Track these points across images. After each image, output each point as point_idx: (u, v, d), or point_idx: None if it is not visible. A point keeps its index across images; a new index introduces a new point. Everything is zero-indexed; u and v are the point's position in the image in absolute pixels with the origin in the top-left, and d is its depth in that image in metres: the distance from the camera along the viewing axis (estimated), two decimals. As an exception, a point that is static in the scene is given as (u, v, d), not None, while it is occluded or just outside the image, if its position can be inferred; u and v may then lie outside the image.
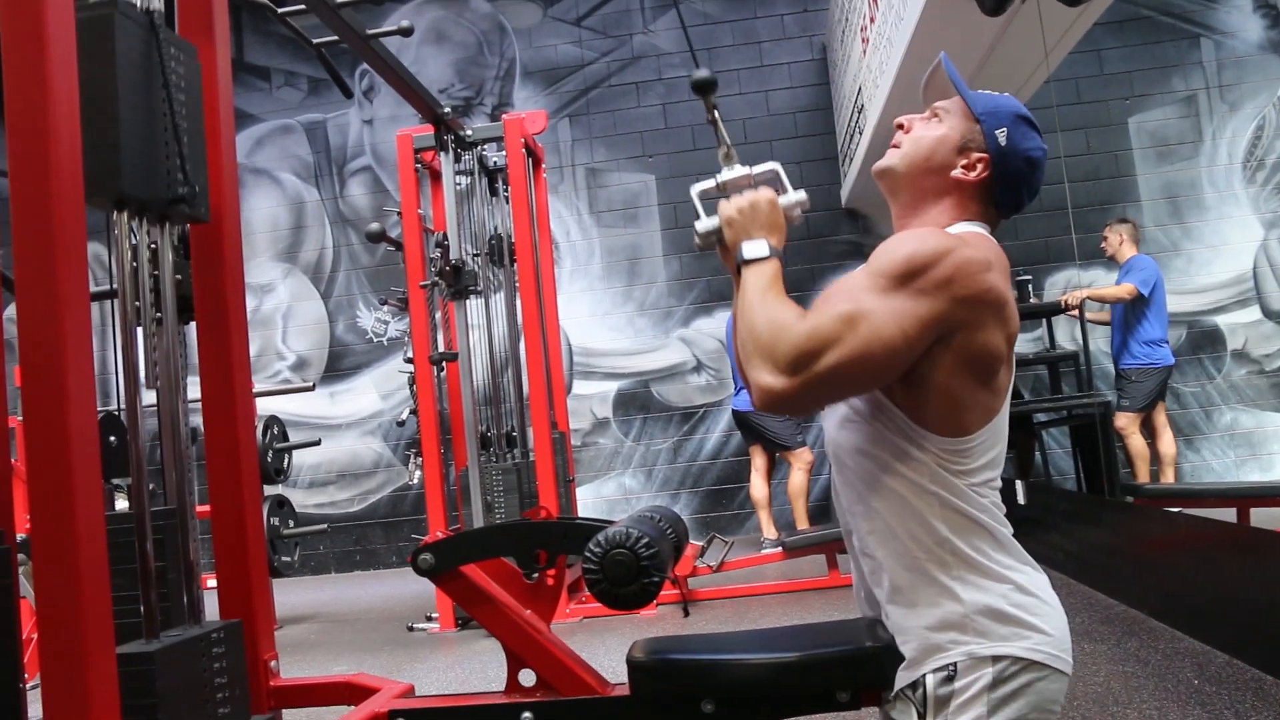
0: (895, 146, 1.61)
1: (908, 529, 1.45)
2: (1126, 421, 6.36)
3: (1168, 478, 6.44)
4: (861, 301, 1.37)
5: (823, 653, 1.69)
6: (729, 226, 1.53)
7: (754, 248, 1.49)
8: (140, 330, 2.12)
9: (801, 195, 1.57)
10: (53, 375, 1.66)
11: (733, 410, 6.87)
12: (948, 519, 1.44)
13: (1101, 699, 3.17)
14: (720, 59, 8.75)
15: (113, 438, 2.46)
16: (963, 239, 1.44)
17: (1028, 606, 1.43)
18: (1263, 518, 4.64)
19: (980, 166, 1.55)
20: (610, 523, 1.97)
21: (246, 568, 2.28)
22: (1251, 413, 8.05)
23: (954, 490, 1.44)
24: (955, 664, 1.41)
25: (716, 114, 1.62)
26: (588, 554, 1.64)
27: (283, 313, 8.95)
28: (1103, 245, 6.65)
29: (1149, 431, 6.50)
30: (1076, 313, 6.52)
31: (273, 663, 2.32)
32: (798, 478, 6.73)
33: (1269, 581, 3.35)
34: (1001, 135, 1.54)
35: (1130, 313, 6.36)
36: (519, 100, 8.90)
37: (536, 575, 2.00)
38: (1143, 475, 6.38)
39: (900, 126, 1.63)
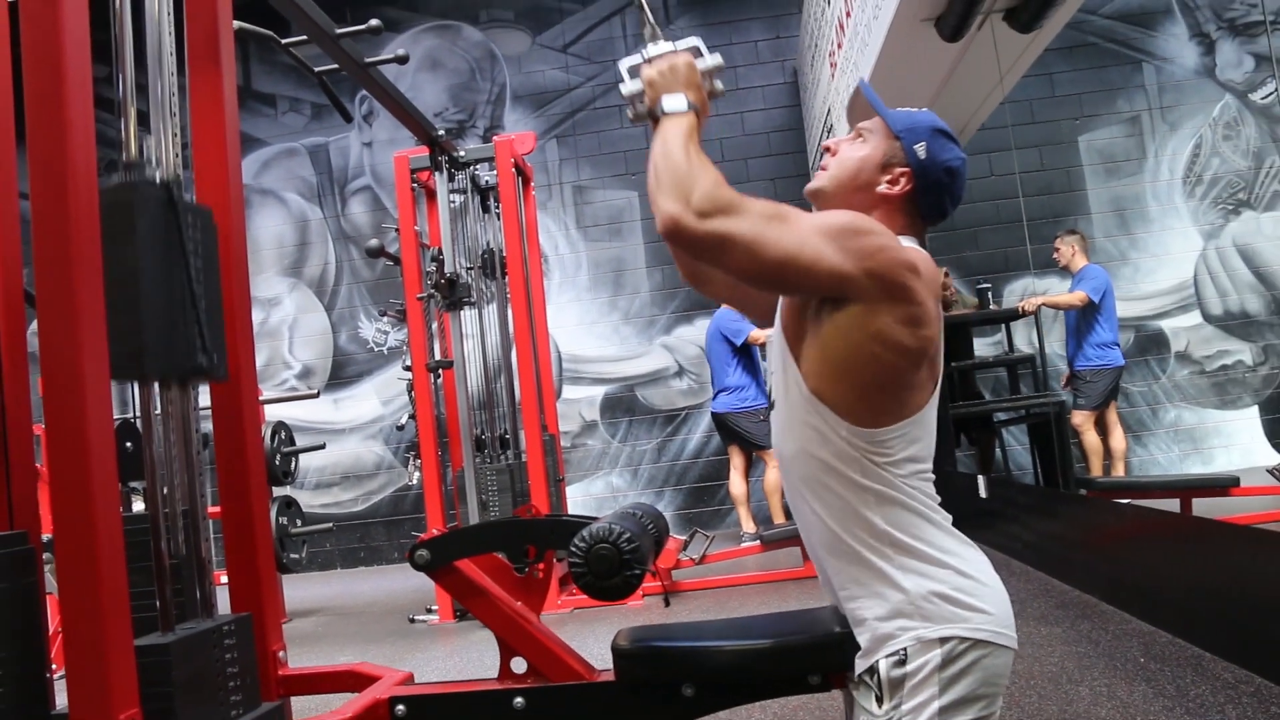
0: (823, 169, 1.63)
1: (847, 528, 1.47)
2: (1082, 419, 6.40)
3: (1119, 471, 6.48)
4: (792, 215, 1.39)
5: (794, 639, 1.71)
6: (650, 87, 1.54)
7: (673, 101, 1.50)
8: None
9: (717, 59, 1.59)
10: (72, 389, 1.66)
11: (712, 413, 6.88)
12: (885, 512, 1.45)
13: (1055, 677, 3.19)
14: (697, 83, 8.78)
15: (129, 443, 2.46)
16: (901, 243, 1.46)
17: (968, 589, 1.44)
18: (1202, 507, 4.69)
19: (903, 180, 1.56)
20: (595, 519, 1.98)
21: (255, 564, 2.28)
22: (1194, 410, 8.11)
23: (886, 483, 1.45)
24: (905, 649, 1.42)
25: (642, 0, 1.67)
26: (573, 549, 1.65)
27: (289, 324, 8.93)
28: (1055, 256, 6.69)
29: (1102, 429, 6.54)
30: (1033, 317, 6.57)
31: (281, 653, 2.32)
32: (772, 475, 6.75)
33: (1206, 566, 3.38)
34: (920, 149, 1.56)
35: (1083, 319, 6.41)
36: (509, 123, 8.91)
37: (526, 569, 2.01)
38: (1096, 469, 6.42)
39: (827, 149, 1.65)
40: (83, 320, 1.67)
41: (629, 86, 1.61)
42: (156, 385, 2.01)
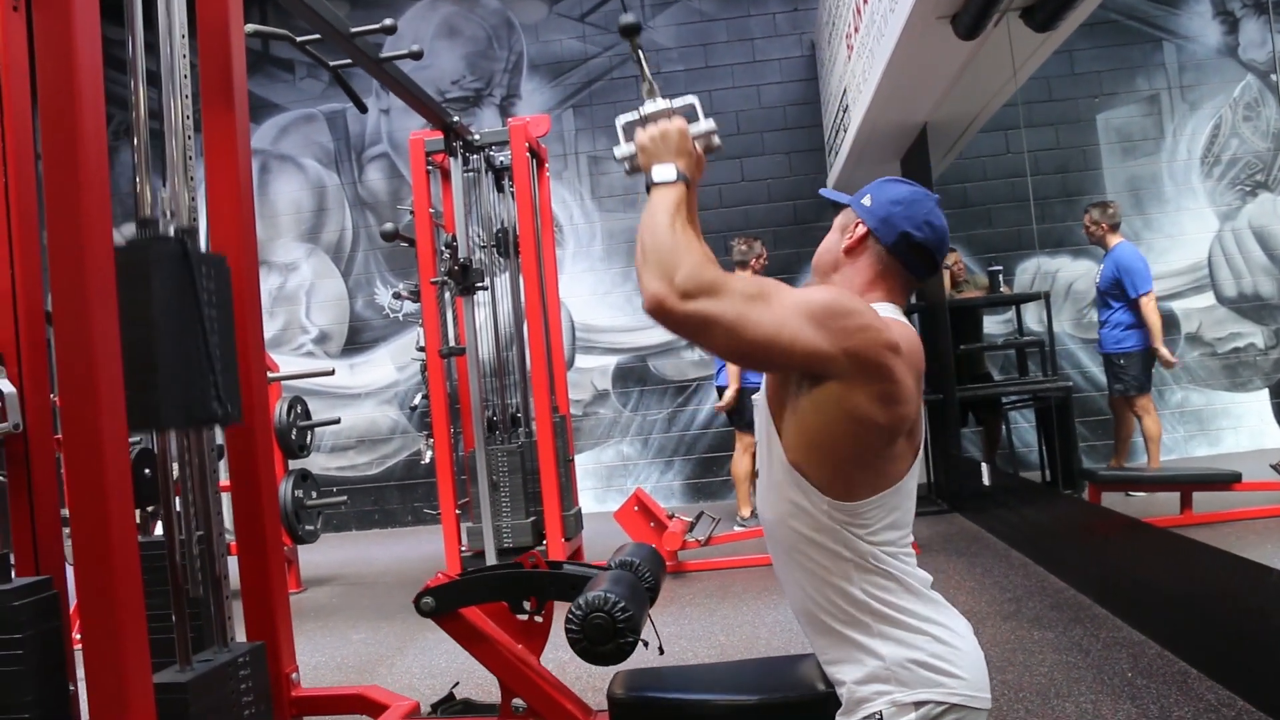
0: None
1: (826, 595, 1.52)
2: (1144, 403, 6.06)
3: (1154, 456, 6.30)
4: (774, 295, 1.42)
5: (780, 697, 1.79)
6: (642, 153, 1.58)
7: (662, 171, 1.54)
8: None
9: (710, 124, 1.62)
10: (91, 447, 1.73)
11: (716, 387, 6.94)
12: (864, 582, 1.50)
13: (1044, 691, 3.28)
14: (715, 54, 8.74)
15: (147, 469, 2.55)
16: (886, 321, 1.49)
17: (944, 655, 1.50)
18: (1204, 501, 4.75)
19: (858, 227, 1.63)
20: (594, 568, 2.06)
21: (269, 592, 2.38)
22: (1202, 392, 8.12)
23: (865, 554, 1.49)
24: (880, 712, 1.48)
25: (640, 53, 1.68)
26: (570, 616, 1.73)
27: (306, 289, 9.01)
28: (1087, 230, 6.37)
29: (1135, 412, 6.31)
30: (1043, 299, 6.46)
31: (293, 675, 2.42)
32: (742, 461, 6.76)
33: (1194, 582, 3.45)
34: (866, 199, 1.65)
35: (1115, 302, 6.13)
36: (526, 91, 8.90)
37: (527, 615, 2.09)
38: (1154, 458, 6.16)
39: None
40: (101, 380, 1.72)
41: (623, 149, 1.65)
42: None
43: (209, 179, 2.35)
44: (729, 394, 6.57)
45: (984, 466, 6.10)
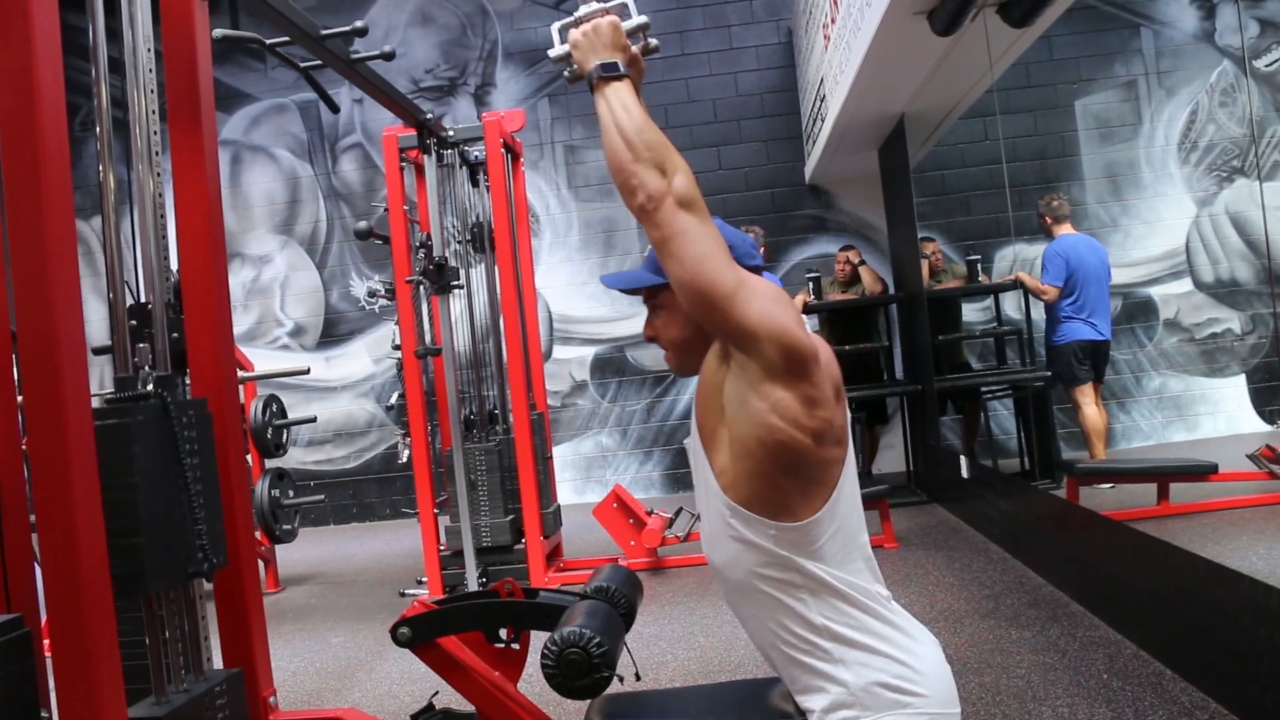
0: (670, 360, 1.75)
1: (785, 626, 1.53)
2: (1078, 394, 6.29)
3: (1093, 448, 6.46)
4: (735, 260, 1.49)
5: (754, 723, 1.82)
6: (576, 50, 1.59)
7: (605, 65, 1.55)
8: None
9: (643, 19, 1.63)
10: (60, 482, 1.73)
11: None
12: (821, 606, 1.51)
13: (1021, 694, 3.32)
14: (691, 41, 8.72)
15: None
16: (812, 335, 1.53)
17: (907, 676, 1.51)
18: (1181, 492, 4.80)
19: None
20: (570, 596, 2.07)
21: (246, 619, 2.38)
22: (1180, 378, 8.19)
23: (817, 578, 1.51)
24: None
25: None
26: (545, 651, 1.74)
27: (280, 282, 8.98)
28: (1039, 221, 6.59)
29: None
30: (1020, 288, 6.57)
31: (271, 699, 2.43)
32: None
33: (1167, 579, 3.49)
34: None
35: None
36: (501, 80, 8.86)
37: (504, 643, 2.11)
38: (1092, 450, 6.30)
39: (652, 340, 1.75)
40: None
41: (556, 49, 1.65)
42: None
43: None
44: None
45: (962, 460, 6.15)
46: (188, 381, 2.47)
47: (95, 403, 1.91)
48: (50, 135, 1.71)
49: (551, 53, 1.66)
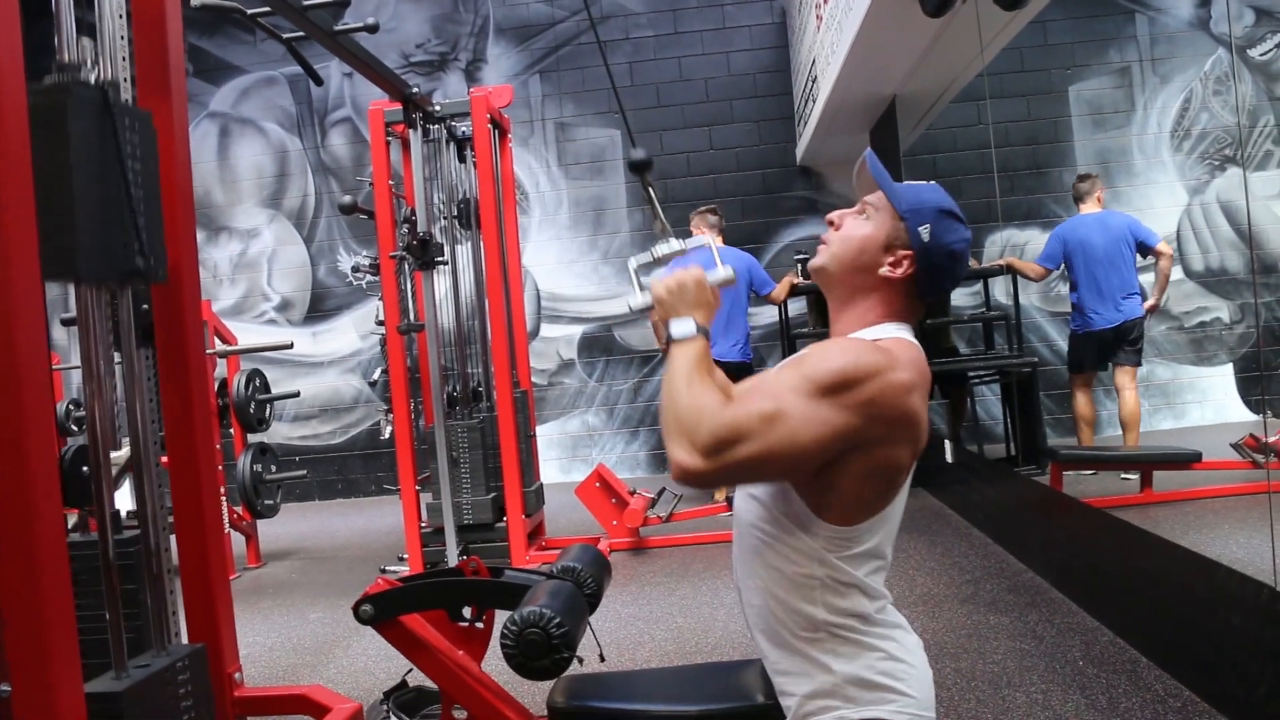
0: (824, 244, 1.61)
1: (788, 612, 1.50)
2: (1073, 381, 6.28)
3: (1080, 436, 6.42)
4: (784, 402, 1.38)
5: (721, 708, 1.80)
6: (659, 304, 1.54)
7: (681, 326, 1.49)
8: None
9: (729, 272, 1.58)
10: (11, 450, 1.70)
11: (727, 362, 6.93)
12: (831, 598, 1.48)
13: (995, 680, 3.31)
14: (684, 20, 8.66)
15: (85, 467, 2.51)
16: (893, 356, 1.45)
17: (894, 673, 1.49)
18: (1165, 480, 4.81)
19: (906, 263, 1.54)
20: (536, 576, 2.05)
21: (210, 591, 2.35)
22: (1168, 366, 8.19)
23: (839, 572, 1.47)
24: None
25: (652, 192, 1.64)
26: (505, 631, 1.72)
27: (268, 256, 8.93)
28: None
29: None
30: (1010, 274, 6.55)
31: (236, 675, 2.41)
32: None
33: (1146, 567, 3.49)
34: (925, 231, 1.53)
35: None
36: (492, 56, 8.79)
37: (468, 622, 2.09)
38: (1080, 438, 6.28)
39: (831, 223, 1.63)
40: (25, 373, 1.65)
41: (638, 300, 1.59)
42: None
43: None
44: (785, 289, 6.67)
45: (947, 444, 6.14)
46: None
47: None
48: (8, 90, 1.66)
49: (632, 303, 1.60)
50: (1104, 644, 3.56)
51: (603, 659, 2.00)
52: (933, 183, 1.63)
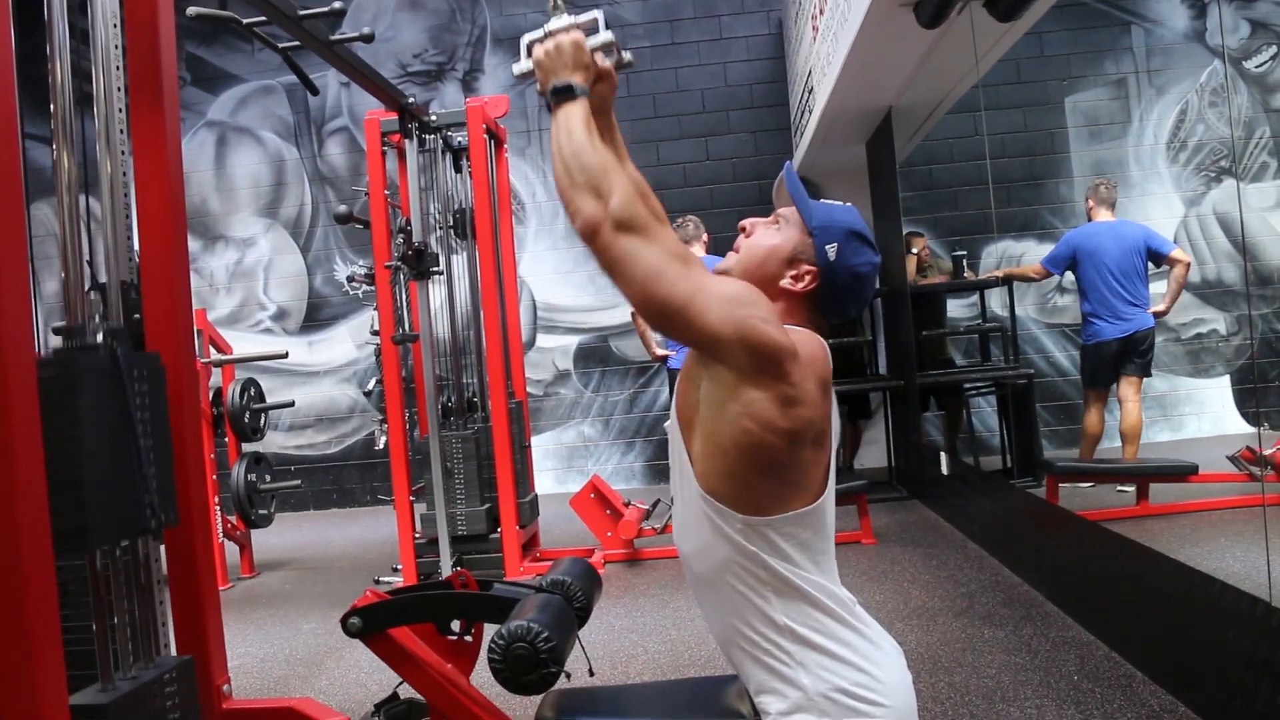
0: (735, 250, 1.63)
1: (748, 623, 1.50)
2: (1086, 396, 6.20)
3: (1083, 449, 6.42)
4: (695, 264, 1.42)
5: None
6: (538, 68, 1.55)
7: (560, 86, 1.51)
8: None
9: (609, 35, 1.59)
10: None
11: (667, 369, 6.92)
12: (785, 607, 1.48)
13: (990, 694, 3.30)
14: (681, 31, 8.67)
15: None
16: (787, 328, 1.46)
17: (867, 684, 1.48)
18: (1161, 492, 4.81)
19: (808, 279, 1.56)
20: (525, 590, 2.04)
21: (200, 602, 2.34)
22: (1165, 377, 8.18)
23: (783, 578, 1.47)
24: None
25: None
26: (493, 645, 1.71)
27: (264, 265, 8.92)
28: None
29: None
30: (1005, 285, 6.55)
31: (225, 687, 2.39)
32: None
33: (1141, 581, 3.47)
34: (831, 250, 1.56)
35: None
36: (490, 66, 8.80)
37: (456, 635, 2.07)
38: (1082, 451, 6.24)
39: (743, 230, 1.65)
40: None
41: (520, 65, 1.61)
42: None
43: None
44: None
45: (943, 456, 6.13)
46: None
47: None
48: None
49: (516, 68, 1.62)
50: (1099, 658, 3.54)
51: (592, 673, 1.99)
52: (848, 204, 1.65)
